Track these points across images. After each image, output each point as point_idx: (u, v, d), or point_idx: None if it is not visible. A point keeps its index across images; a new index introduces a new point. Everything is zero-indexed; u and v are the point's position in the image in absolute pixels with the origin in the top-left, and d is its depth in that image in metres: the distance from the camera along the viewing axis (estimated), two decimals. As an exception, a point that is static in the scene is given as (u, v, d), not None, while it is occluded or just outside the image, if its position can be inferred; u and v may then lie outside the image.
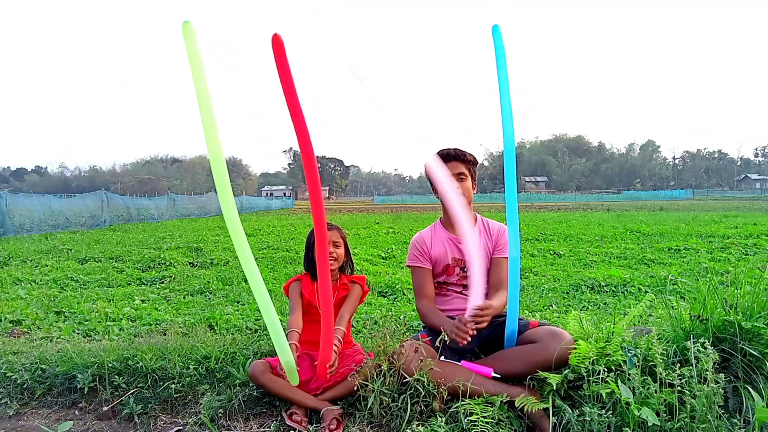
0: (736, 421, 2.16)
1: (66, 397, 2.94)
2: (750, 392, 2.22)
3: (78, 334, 3.98)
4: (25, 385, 2.98)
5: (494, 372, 2.47)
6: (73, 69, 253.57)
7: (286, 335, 2.58)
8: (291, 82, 2.15)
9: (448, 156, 2.94)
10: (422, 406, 2.42)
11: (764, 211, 19.79)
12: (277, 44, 2.10)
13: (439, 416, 2.33)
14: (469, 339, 2.45)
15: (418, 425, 2.26)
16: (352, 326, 3.26)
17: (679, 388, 2.15)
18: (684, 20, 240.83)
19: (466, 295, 2.99)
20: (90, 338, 3.86)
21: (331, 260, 2.92)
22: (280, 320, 4.12)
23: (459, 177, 2.91)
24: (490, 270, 2.96)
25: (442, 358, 2.61)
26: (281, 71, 2.14)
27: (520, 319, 2.87)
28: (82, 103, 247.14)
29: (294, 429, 2.46)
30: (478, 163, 3.02)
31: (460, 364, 2.57)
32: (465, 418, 2.28)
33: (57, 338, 3.83)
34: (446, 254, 3.01)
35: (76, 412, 2.86)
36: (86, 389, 2.90)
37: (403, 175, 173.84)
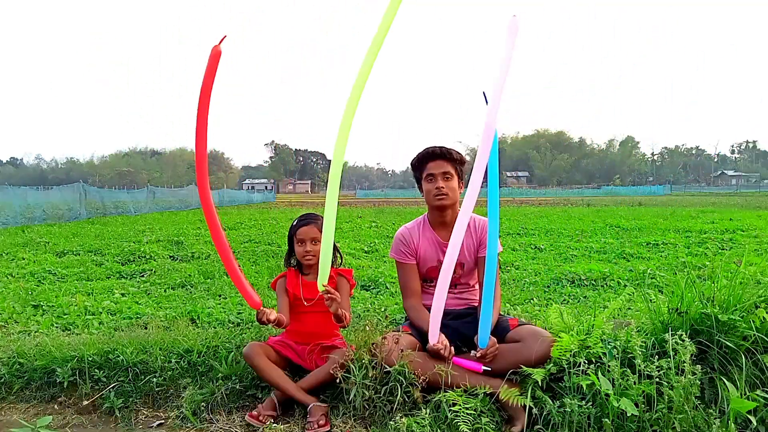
0: (711, 411, 2.21)
1: (45, 392, 2.91)
2: (725, 383, 2.27)
3: (57, 327, 3.93)
4: (2, 380, 2.94)
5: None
6: (49, 57, 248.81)
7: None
8: None
9: (434, 155, 2.87)
10: (405, 398, 2.43)
11: (740, 207, 20.15)
12: None
13: (422, 407, 2.35)
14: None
15: (401, 417, 2.27)
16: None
17: (657, 379, 2.19)
18: (663, 18, 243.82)
19: (448, 293, 2.98)
20: (69, 332, 3.81)
21: (309, 257, 2.89)
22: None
23: (444, 176, 2.84)
24: (479, 269, 2.91)
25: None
26: None
27: (500, 316, 2.88)
28: (58, 92, 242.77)
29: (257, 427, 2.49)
30: (465, 162, 2.93)
31: (451, 359, 2.56)
32: (448, 408, 2.30)
33: (35, 332, 3.78)
34: (433, 256, 2.96)
35: (56, 406, 2.83)
36: (66, 383, 2.87)
37: (385, 170, 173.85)
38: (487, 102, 2.44)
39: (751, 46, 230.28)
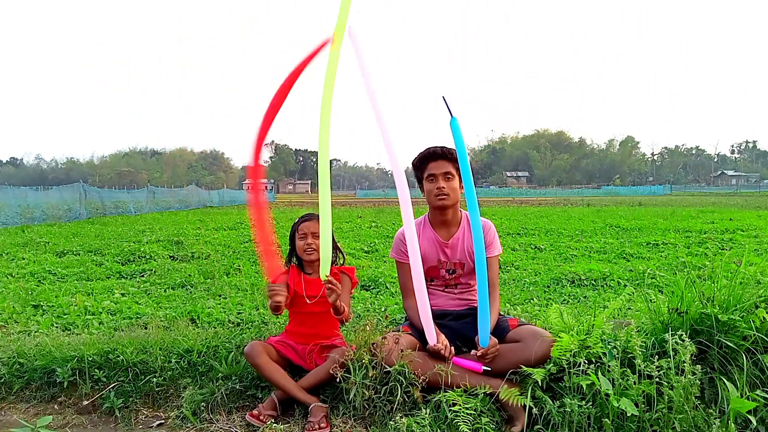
0: (711, 411, 2.21)
1: (45, 392, 2.91)
2: (725, 383, 2.27)
3: (57, 327, 3.93)
4: (2, 380, 2.94)
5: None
6: (49, 57, 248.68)
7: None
8: None
9: (435, 155, 2.86)
10: (405, 398, 2.43)
11: (740, 207, 20.16)
12: None
13: (422, 407, 2.35)
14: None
15: (401, 417, 2.27)
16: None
17: (657, 379, 2.20)
18: (663, 18, 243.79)
19: (448, 293, 2.99)
20: (69, 332, 3.81)
21: (310, 251, 2.90)
22: (261, 314, 4.09)
23: (446, 176, 2.84)
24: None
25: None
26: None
27: (500, 316, 2.88)
28: (58, 92, 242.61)
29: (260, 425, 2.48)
30: None
31: (451, 359, 2.57)
32: (448, 407, 2.30)
33: (35, 332, 3.77)
34: (433, 256, 2.96)
35: (56, 406, 2.83)
36: (66, 383, 2.87)
37: (385, 170, 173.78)
38: (448, 107, 2.60)
39: (752, 46, 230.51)
